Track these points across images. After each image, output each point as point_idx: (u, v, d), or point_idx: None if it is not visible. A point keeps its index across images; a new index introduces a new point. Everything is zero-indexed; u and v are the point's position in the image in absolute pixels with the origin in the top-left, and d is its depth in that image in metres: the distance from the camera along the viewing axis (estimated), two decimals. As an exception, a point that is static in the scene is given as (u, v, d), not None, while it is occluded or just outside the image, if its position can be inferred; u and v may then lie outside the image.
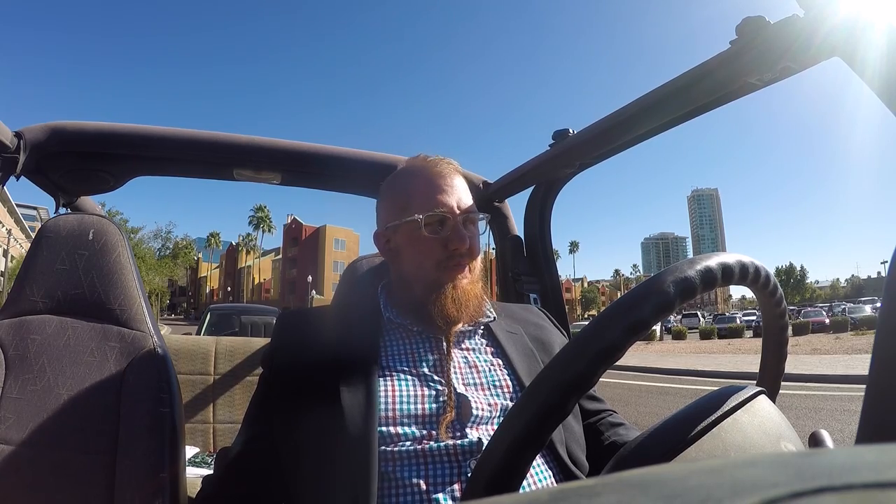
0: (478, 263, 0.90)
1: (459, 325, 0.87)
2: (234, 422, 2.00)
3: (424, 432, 0.72)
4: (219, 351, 2.07)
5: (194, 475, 1.46)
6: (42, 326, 1.00)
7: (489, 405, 0.76)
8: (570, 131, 1.30)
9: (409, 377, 0.78)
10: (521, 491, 0.48)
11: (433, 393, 0.76)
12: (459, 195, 0.87)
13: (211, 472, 0.92)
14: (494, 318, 0.91)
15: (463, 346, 0.86)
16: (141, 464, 0.92)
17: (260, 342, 2.17)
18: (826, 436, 0.55)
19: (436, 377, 0.78)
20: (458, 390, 0.76)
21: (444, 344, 0.83)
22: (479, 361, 0.83)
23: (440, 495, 0.67)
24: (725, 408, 0.48)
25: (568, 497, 0.14)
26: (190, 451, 1.77)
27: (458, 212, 0.85)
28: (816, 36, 0.75)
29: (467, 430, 0.73)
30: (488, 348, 0.87)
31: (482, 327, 0.89)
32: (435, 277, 0.85)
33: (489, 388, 0.80)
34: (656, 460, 0.44)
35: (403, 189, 0.89)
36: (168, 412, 0.96)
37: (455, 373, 0.79)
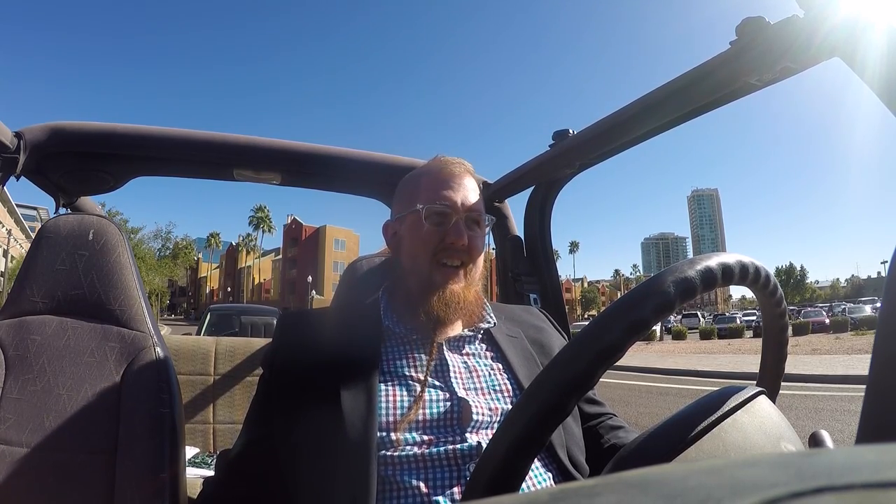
0: (477, 268, 0.90)
1: (452, 330, 0.87)
2: (234, 422, 2.00)
3: (425, 437, 0.72)
4: (219, 351, 2.07)
5: (194, 475, 1.46)
6: (42, 327, 1.00)
7: (489, 409, 0.76)
8: (570, 131, 1.30)
9: (409, 383, 0.78)
10: (520, 492, 0.48)
11: (433, 398, 0.76)
12: (466, 194, 0.88)
13: (211, 472, 0.92)
14: (494, 323, 0.91)
15: (463, 351, 0.86)
16: (141, 464, 0.92)
17: (260, 342, 2.17)
18: (826, 436, 0.55)
19: (436, 382, 0.78)
20: (459, 394, 0.76)
21: (435, 347, 0.83)
22: (479, 366, 0.83)
23: (440, 498, 0.68)
24: (725, 408, 0.48)
25: (568, 497, 0.14)
26: (190, 451, 1.77)
27: (460, 208, 0.86)
28: (816, 36, 0.75)
29: (467, 435, 0.73)
30: (488, 353, 0.87)
31: (482, 332, 0.89)
32: (428, 274, 0.85)
33: (489, 393, 0.80)
34: (656, 461, 0.44)
35: (414, 183, 0.92)
36: (168, 412, 0.96)
37: (455, 377, 0.79)
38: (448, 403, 0.76)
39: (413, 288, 0.87)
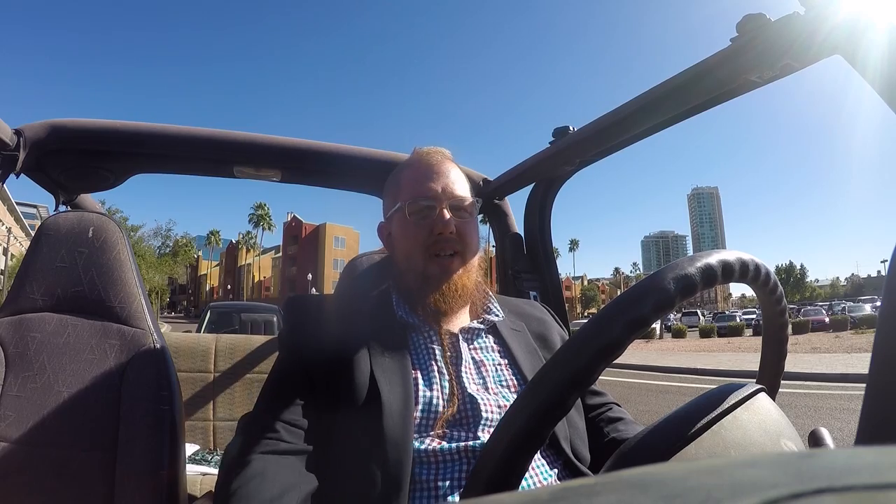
0: (472, 253, 0.88)
1: (462, 321, 0.87)
2: (234, 419, 2.00)
3: (438, 432, 0.72)
4: (219, 349, 2.07)
5: (194, 473, 1.46)
6: (42, 324, 1.00)
7: (498, 407, 0.76)
8: (571, 128, 1.30)
9: (422, 378, 0.78)
10: (521, 488, 0.48)
11: (445, 394, 0.76)
12: (447, 182, 0.87)
13: (211, 469, 0.91)
14: (503, 317, 0.91)
15: (472, 345, 0.85)
16: (141, 461, 0.93)
17: (260, 340, 2.17)
18: (825, 434, 0.55)
19: (447, 377, 0.78)
20: (469, 391, 0.76)
21: (450, 337, 0.83)
22: (488, 361, 0.83)
23: (454, 496, 0.68)
24: (725, 405, 0.48)
25: (568, 496, 0.14)
26: (190, 448, 1.77)
27: (443, 197, 0.86)
28: (817, 34, 0.74)
29: (479, 432, 0.73)
30: (496, 346, 0.87)
31: (490, 326, 0.89)
32: (423, 267, 0.85)
33: (497, 389, 0.80)
34: (657, 457, 0.44)
35: (396, 181, 0.92)
36: (168, 410, 0.96)
37: (465, 374, 0.79)
38: (459, 400, 0.76)
39: (412, 285, 0.87)
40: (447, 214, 0.85)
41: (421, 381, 0.77)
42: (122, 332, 1.02)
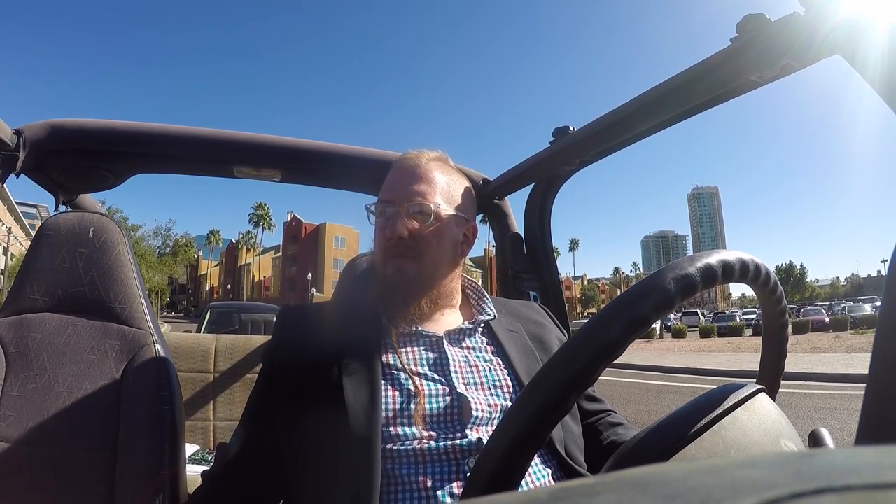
0: (431, 257, 0.85)
1: (452, 323, 0.87)
2: (234, 419, 2.00)
3: (425, 432, 0.72)
4: (219, 349, 2.07)
5: (194, 473, 1.46)
6: (42, 324, 1.00)
7: (489, 406, 0.76)
8: (571, 128, 1.30)
9: (408, 377, 0.78)
10: (520, 489, 0.48)
11: (433, 392, 0.76)
12: (409, 186, 0.86)
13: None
14: (495, 315, 0.91)
15: (463, 344, 0.85)
16: (141, 461, 0.93)
17: (260, 340, 2.17)
18: (825, 434, 0.55)
19: (436, 376, 0.78)
20: (459, 390, 0.76)
21: (435, 340, 0.83)
22: (480, 361, 0.83)
23: (440, 493, 0.68)
24: (725, 405, 0.48)
25: (567, 496, 0.14)
26: (190, 448, 1.77)
27: (399, 200, 0.85)
28: (817, 34, 0.74)
29: (467, 431, 0.73)
30: (489, 347, 0.87)
31: (482, 325, 0.89)
32: (382, 268, 0.86)
33: (489, 388, 0.80)
34: (656, 458, 0.44)
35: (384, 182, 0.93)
36: (168, 410, 0.97)
37: (455, 372, 0.79)
38: (448, 398, 0.75)
39: (379, 285, 0.88)
40: (399, 218, 0.84)
41: (394, 383, 0.77)
42: (123, 332, 1.02)
